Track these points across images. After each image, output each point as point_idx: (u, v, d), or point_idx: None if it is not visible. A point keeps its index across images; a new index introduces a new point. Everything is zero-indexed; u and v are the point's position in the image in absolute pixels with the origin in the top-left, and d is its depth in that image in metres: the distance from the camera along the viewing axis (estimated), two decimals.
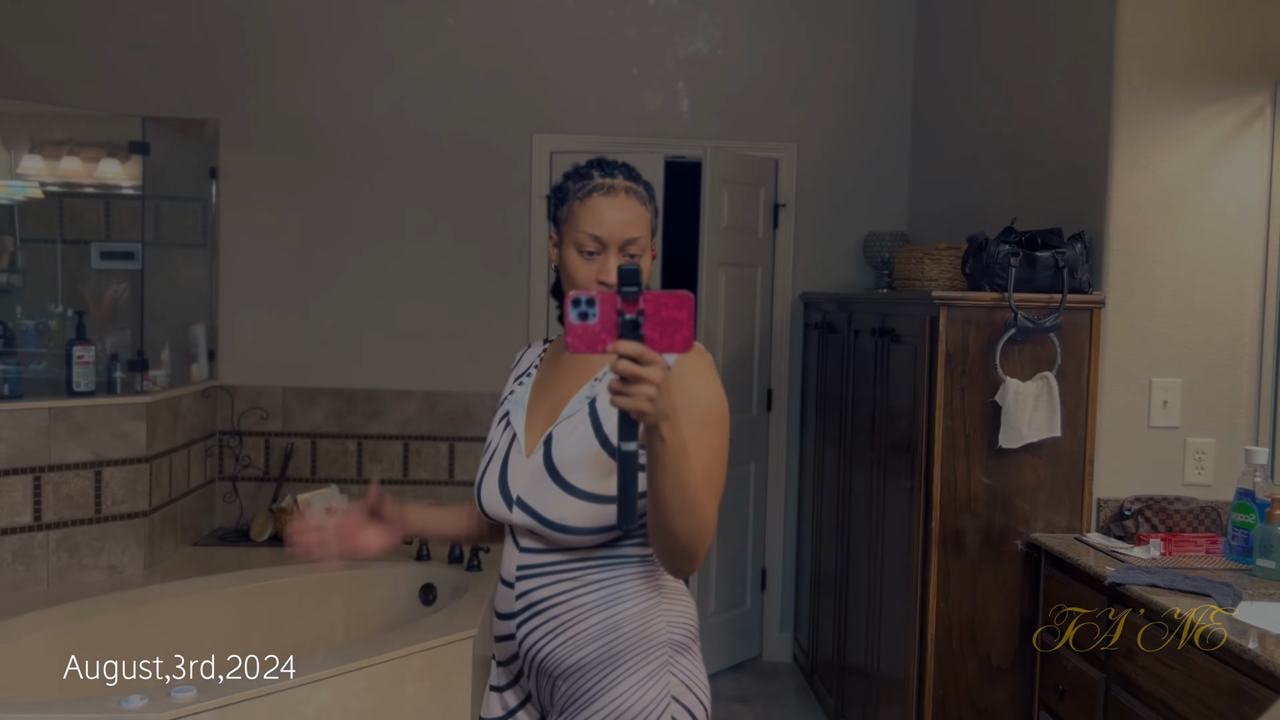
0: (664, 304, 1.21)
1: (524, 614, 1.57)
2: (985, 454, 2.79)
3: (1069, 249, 2.76)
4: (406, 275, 4.39)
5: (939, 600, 2.82)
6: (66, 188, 4.10)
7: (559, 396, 1.61)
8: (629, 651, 1.53)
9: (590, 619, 1.53)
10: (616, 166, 1.61)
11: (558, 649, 1.54)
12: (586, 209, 1.55)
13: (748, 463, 4.42)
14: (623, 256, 1.55)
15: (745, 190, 4.28)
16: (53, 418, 3.36)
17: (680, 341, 1.22)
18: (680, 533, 1.39)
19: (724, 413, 1.55)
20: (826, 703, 3.90)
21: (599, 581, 1.54)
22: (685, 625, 1.61)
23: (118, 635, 3.28)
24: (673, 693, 1.54)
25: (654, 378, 1.21)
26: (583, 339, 1.22)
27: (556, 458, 1.53)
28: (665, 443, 1.29)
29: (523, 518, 1.54)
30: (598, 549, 1.54)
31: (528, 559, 1.57)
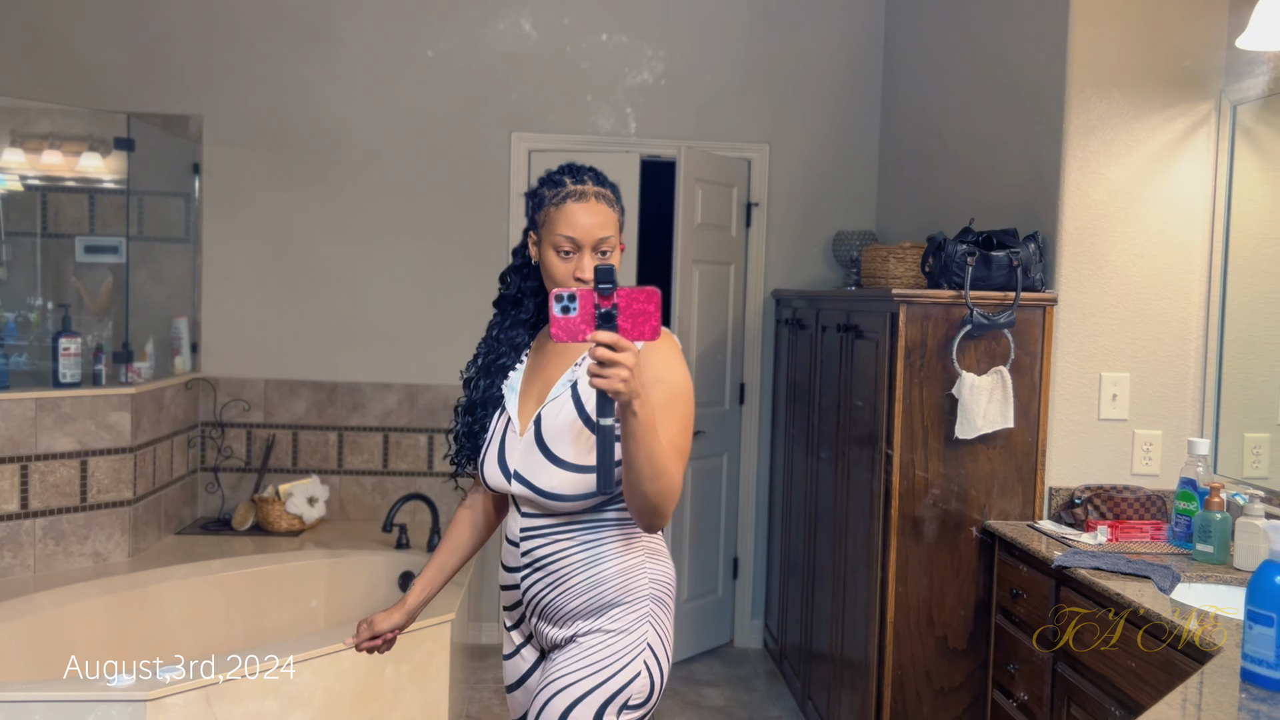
0: (635, 298, 1.45)
1: (527, 568, 1.81)
2: (942, 445, 2.91)
3: (1023, 249, 2.89)
4: (387, 270, 4.47)
5: (898, 585, 2.94)
6: (48, 182, 4.17)
7: (545, 381, 1.83)
8: (617, 600, 1.78)
9: (584, 573, 1.77)
10: (585, 171, 1.81)
11: (557, 598, 1.79)
12: (561, 215, 1.75)
13: (720, 455, 4.54)
14: (595, 254, 1.75)
15: (718, 190, 4.39)
16: (39, 408, 3.44)
17: (649, 330, 1.46)
18: (650, 494, 1.62)
19: (688, 390, 1.77)
20: (794, 686, 4.03)
21: (590, 541, 1.78)
22: (665, 583, 1.84)
23: (103, 620, 3.36)
24: (649, 641, 1.79)
25: (627, 362, 1.44)
26: (565, 329, 1.45)
27: (545, 435, 1.76)
28: (637, 417, 1.52)
29: (520, 489, 1.78)
30: (586, 513, 1.78)
31: (529, 522, 1.81)
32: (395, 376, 4.48)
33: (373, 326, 4.48)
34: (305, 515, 4.16)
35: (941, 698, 2.96)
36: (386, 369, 4.48)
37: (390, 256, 4.47)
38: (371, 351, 4.48)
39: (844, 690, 3.34)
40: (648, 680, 1.77)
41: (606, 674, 1.75)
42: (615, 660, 1.75)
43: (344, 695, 2.91)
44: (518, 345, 1.92)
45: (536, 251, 1.82)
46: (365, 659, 2.96)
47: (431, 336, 4.48)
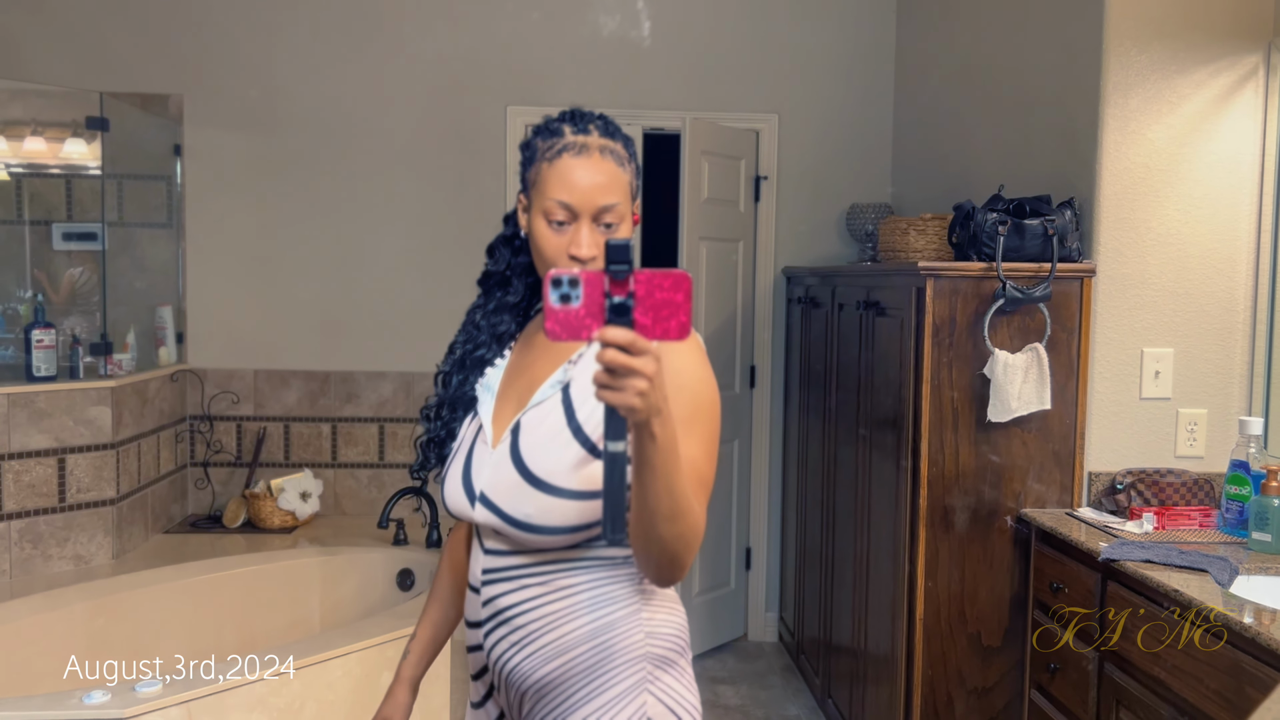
0: (658, 285, 1.05)
1: (490, 622, 1.41)
2: (973, 428, 2.72)
3: (1058, 216, 2.68)
4: (380, 253, 4.27)
5: (927, 578, 2.75)
6: (30, 168, 3.97)
7: (530, 381, 1.45)
8: (601, 666, 1.37)
9: (560, 629, 1.37)
10: (591, 119, 1.41)
11: (524, 661, 1.38)
12: (555, 172, 1.37)
13: (731, 440, 4.35)
14: (597, 226, 1.37)
15: (726, 163, 4.18)
16: (11, 404, 3.25)
17: (676, 328, 1.06)
18: (668, 539, 1.22)
19: (714, 403, 1.38)
20: (813, 682, 3.84)
21: (569, 587, 1.37)
22: (670, 636, 1.43)
23: (84, 628, 3.18)
24: (649, 714, 1.38)
25: (646, 369, 1.05)
26: (564, 325, 1.06)
27: (524, 449, 1.37)
28: (656, 441, 1.12)
29: (485, 515, 1.38)
30: (568, 550, 1.37)
31: (493, 561, 1.41)
32: (390, 365, 4.28)
33: (365, 313, 4.28)
34: (298, 511, 3.97)
35: (975, 698, 2.77)
36: (380, 357, 4.28)
37: (382, 239, 4.27)
38: (364, 339, 4.29)
39: (869, 688, 3.15)
40: None
41: None
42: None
43: (335, 706, 2.73)
44: (501, 335, 1.54)
45: (526, 220, 1.43)
46: (360, 668, 2.78)
47: (426, 322, 4.28)
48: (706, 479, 1.34)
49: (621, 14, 4.28)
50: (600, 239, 1.38)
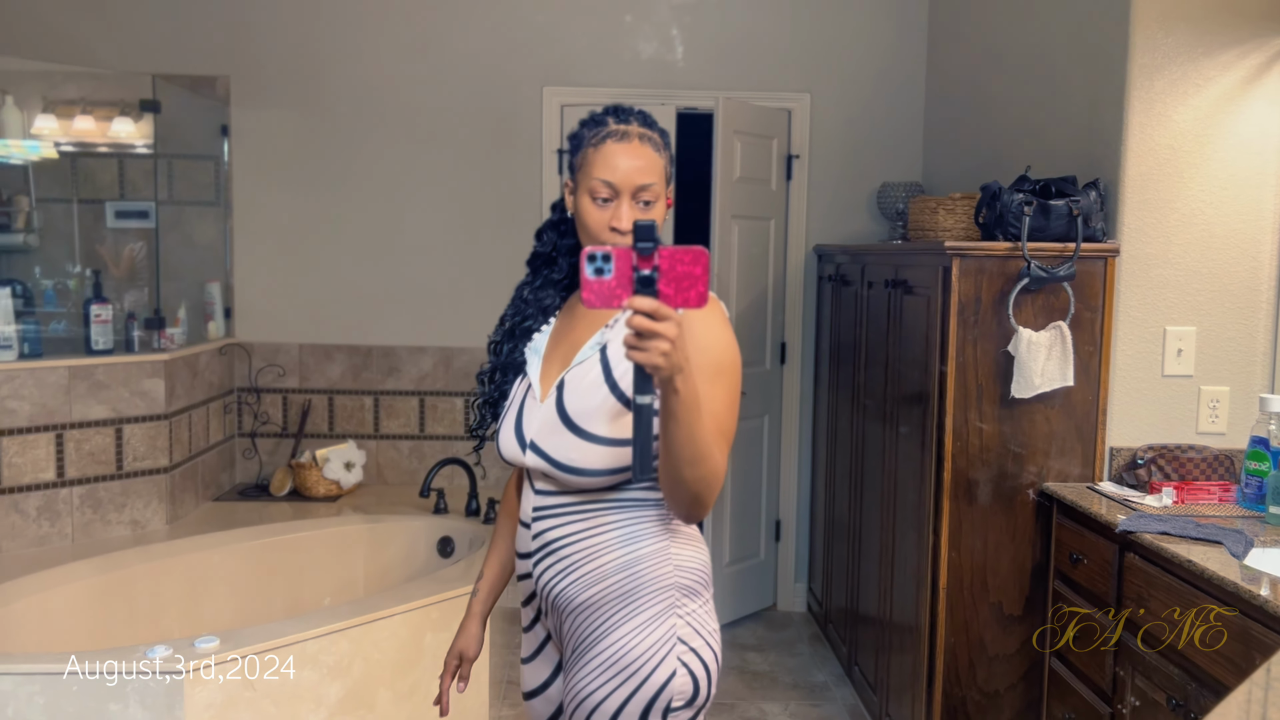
0: (679, 259, 1.23)
1: (539, 553, 1.63)
2: (997, 404, 2.79)
3: (1083, 197, 2.74)
4: (419, 231, 4.39)
5: (950, 549, 2.84)
6: (80, 147, 4.11)
7: (572, 343, 1.65)
8: (636, 592, 1.57)
9: (599, 559, 1.57)
10: (631, 113, 1.63)
11: (569, 587, 1.59)
12: (600, 155, 1.57)
13: (761, 415, 4.44)
14: (635, 203, 1.56)
15: (758, 142, 4.25)
16: (72, 376, 3.40)
17: (695, 297, 1.24)
18: (690, 481, 1.42)
19: (735, 363, 1.57)
20: (840, 651, 3.95)
21: (609, 523, 1.58)
22: (695, 570, 1.63)
23: (142, 588, 3.34)
24: (679, 634, 1.57)
25: (668, 333, 1.24)
26: (598, 294, 1.24)
27: (568, 403, 1.57)
28: (679, 395, 1.32)
29: (536, 461, 1.59)
30: (608, 491, 1.58)
31: (543, 500, 1.62)
32: (430, 340, 4.41)
33: (406, 289, 4.40)
34: (343, 480, 4.12)
35: (996, 664, 2.86)
36: (421, 332, 4.41)
37: (421, 217, 4.39)
38: (405, 314, 4.41)
39: (893, 655, 3.25)
40: (688, 678, 1.56)
41: (637, 679, 1.55)
42: (644, 662, 1.55)
43: (382, 664, 2.87)
44: (546, 308, 1.75)
45: (573, 201, 1.63)
46: (405, 628, 2.91)
47: (465, 298, 4.40)
48: (728, 430, 1.54)
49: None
50: (638, 215, 1.57)
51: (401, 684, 2.91)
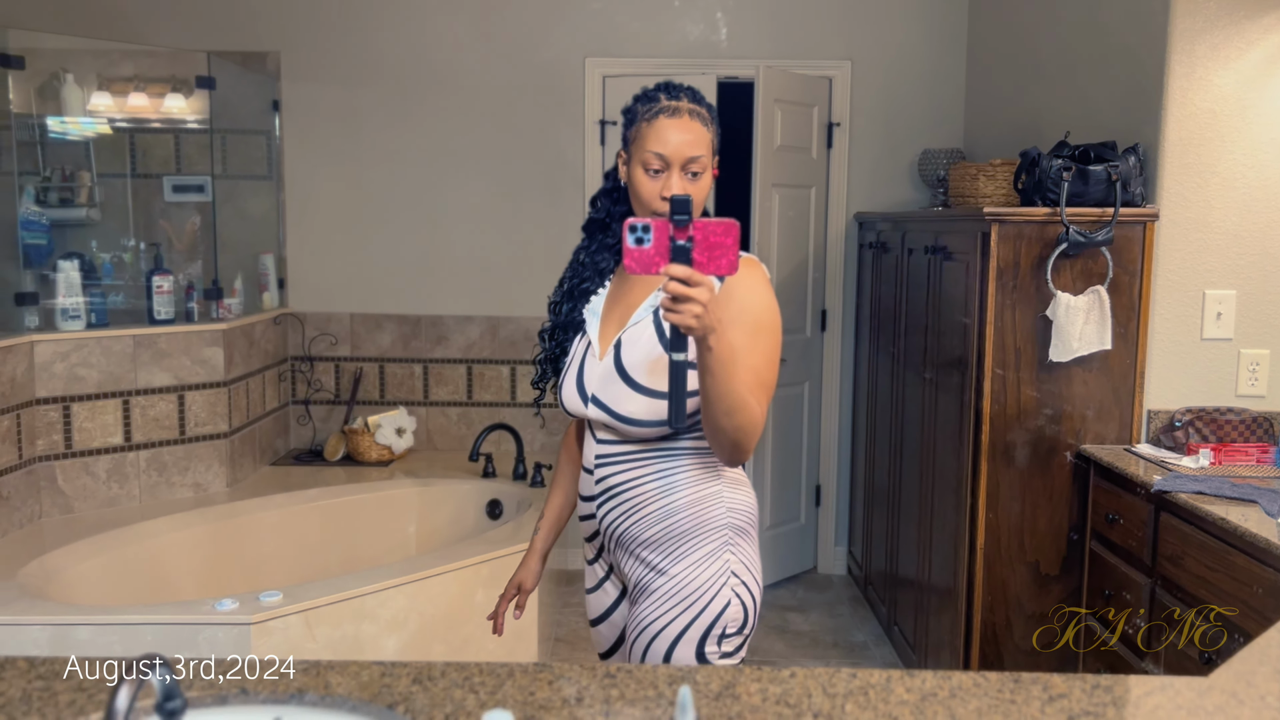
0: (712, 231, 1.36)
1: (602, 496, 1.79)
2: (1035, 368, 2.83)
3: (1122, 162, 2.76)
4: (464, 202, 4.48)
5: (988, 511, 2.90)
6: (134, 123, 4.23)
7: (627, 306, 1.78)
8: (694, 531, 1.73)
9: (658, 502, 1.73)
10: (682, 90, 1.74)
11: (632, 526, 1.75)
12: (653, 130, 1.69)
13: (802, 382, 4.50)
14: (684, 174, 1.68)
15: (798, 110, 4.28)
16: (137, 344, 3.54)
17: (726, 265, 1.37)
18: (729, 430, 1.57)
19: (774, 319, 1.69)
20: (879, 612, 4.02)
21: (665, 470, 1.73)
22: (745, 512, 1.78)
23: (205, 547, 3.49)
24: (732, 568, 1.73)
25: (700, 297, 1.37)
26: (639, 261, 1.38)
27: (625, 359, 1.71)
28: (713, 352, 1.46)
29: (597, 413, 1.74)
30: (662, 441, 1.73)
31: (604, 449, 1.78)
32: (476, 309, 4.51)
33: (453, 259, 4.50)
34: (394, 445, 4.24)
35: (1033, 623, 2.92)
36: (468, 302, 4.51)
37: (468, 188, 4.47)
38: (452, 284, 4.51)
39: (931, 616, 3.32)
40: (740, 607, 1.73)
41: (696, 608, 1.71)
42: (702, 593, 1.71)
43: (436, 619, 2.99)
44: (602, 270, 1.88)
45: (626, 172, 1.75)
46: (456, 585, 3.03)
47: (510, 268, 4.49)
48: (768, 382, 1.67)
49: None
50: (687, 184, 1.70)
51: (455, 638, 3.03)
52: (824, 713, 1.24)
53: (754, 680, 1.33)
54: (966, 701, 1.29)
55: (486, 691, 1.28)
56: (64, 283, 3.49)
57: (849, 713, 1.24)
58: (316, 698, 1.28)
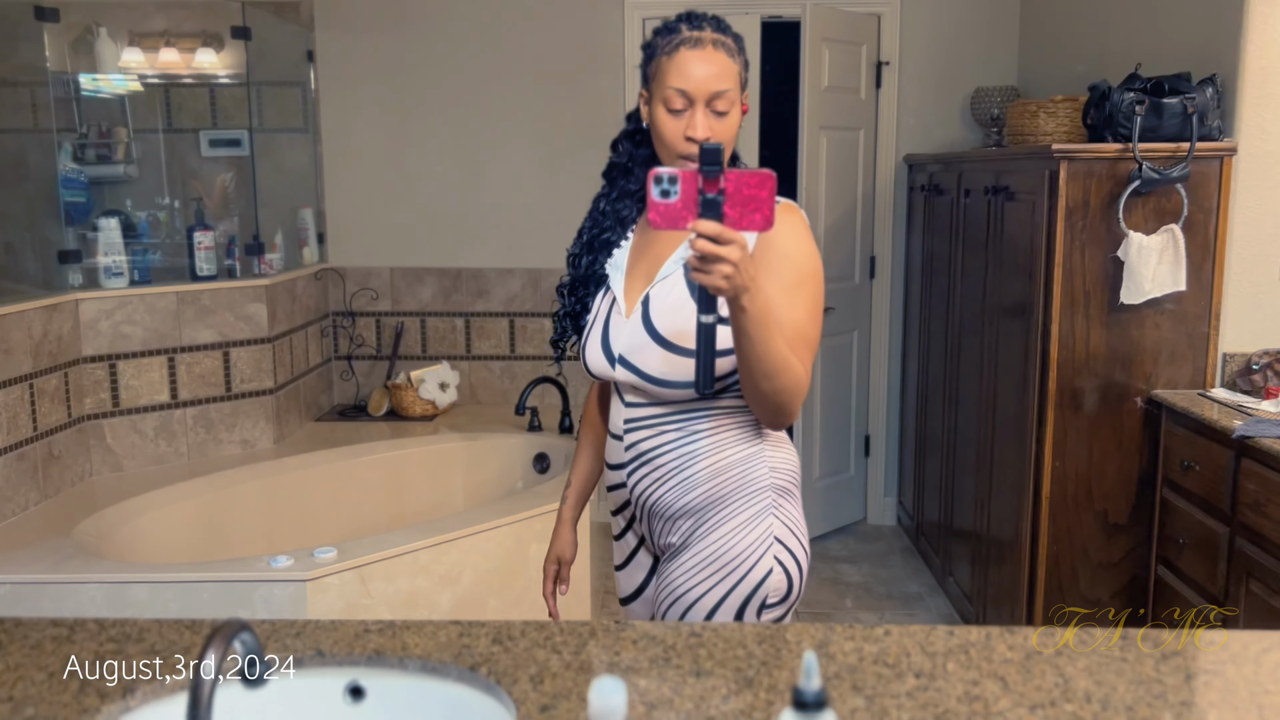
0: (745, 183, 1.23)
1: (633, 463, 1.66)
2: (1105, 311, 2.73)
3: (1199, 94, 2.63)
4: (505, 153, 4.39)
5: (1055, 459, 2.81)
6: (166, 79, 4.17)
7: (654, 259, 1.64)
8: (734, 495, 1.60)
9: (694, 466, 1.60)
10: (705, 19, 1.58)
11: (667, 494, 1.63)
12: (673, 64, 1.54)
13: (850, 331, 4.41)
14: (710, 111, 1.54)
15: (846, 49, 4.14)
16: (180, 301, 3.51)
17: (760, 220, 1.24)
18: (770, 393, 1.46)
19: (816, 270, 1.57)
20: (933, 563, 3.96)
21: (701, 431, 1.60)
22: (789, 471, 1.66)
23: (255, 503, 3.48)
24: (776, 534, 1.61)
25: (731, 256, 1.25)
26: (664, 216, 1.25)
27: (655, 317, 1.58)
28: (747, 313, 1.34)
29: (625, 374, 1.61)
30: (697, 401, 1.60)
31: (634, 413, 1.64)
32: (517, 261, 4.44)
33: (493, 211, 4.43)
34: (438, 400, 4.21)
35: (1100, 572, 2.85)
36: (508, 254, 4.44)
37: (507, 139, 4.38)
38: (493, 237, 4.44)
39: (991, 566, 3.25)
40: (783, 576, 1.60)
41: (735, 577, 1.58)
42: (742, 560, 1.58)
43: (490, 574, 2.96)
44: (624, 219, 1.73)
45: (647, 111, 1.61)
46: (510, 539, 2.99)
47: (550, 219, 4.41)
48: (811, 338, 1.55)
49: None
50: (713, 123, 1.55)
51: (509, 592, 3.01)
52: (925, 672, 1.18)
53: (847, 639, 1.27)
54: (1074, 660, 1.22)
55: (570, 652, 1.23)
56: (105, 240, 3.45)
57: (951, 672, 1.18)
58: (395, 660, 1.24)
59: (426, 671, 1.22)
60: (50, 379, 3.11)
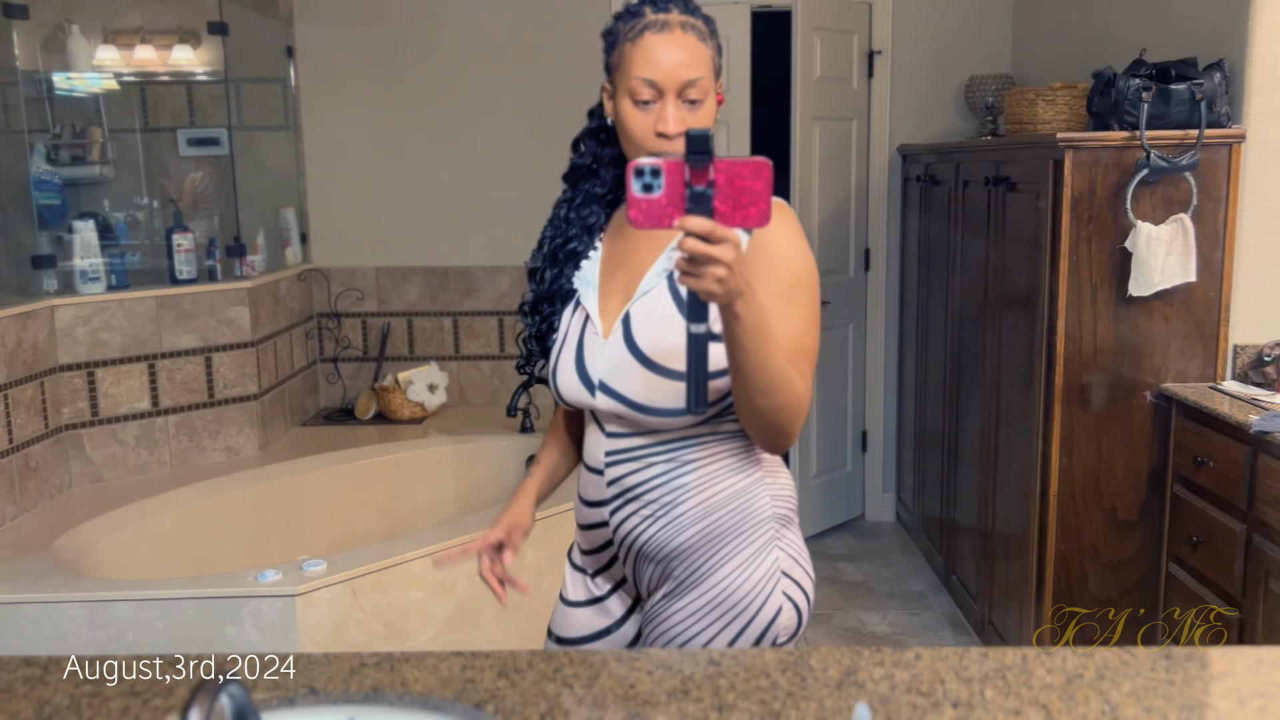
0: (738, 173, 1.09)
1: (617, 500, 1.50)
2: (1112, 303, 2.66)
3: (1206, 80, 2.56)
4: (490, 148, 4.30)
5: (1062, 455, 2.75)
6: (142, 76, 4.05)
7: (632, 272, 1.48)
8: (736, 529, 1.47)
9: (690, 500, 1.46)
10: (672, 0, 1.43)
11: (659, 533, 1.47)
12: (638, 51, 1.39)
13: (846, 325, 4.34)
14: (681, 102, 1.39)
15: (838, 38, 4.07)
16: (160, 306, 3.41)
17: (756, 215, 1.11)
18: (767, 411, 1.31)
19: (813, 275, 1.43)
20: (934, 560, 3.90)
21: (693, 462, 1.45)
22: (788, 498, 1.54)
23: (241, 513, 3.38)
24: (782, 567, 1.48)
25: (725, 257, 1.10)
26: (647, 214, 1.11)
27: (639, 339, 1.42)
28: (741, 321, 1.20)
29: (608, 403, 1.45)
30: (691, 428, 1.45)
31: (616, 444, 1.48)
32: (506, 259, 4.34)
33: (480, 207, 4.33)
34: (427, 402, 4.12)
35: (1109, 571, 2.79)
36: (496, 251, 4.34)
37: (494, 133, 4.29)
38: (480, 234, 4.35)
39: (997, 564, 3.19)
40: (793, 612, 1.48)
41: (744, 619, 1.45)
42: (750, 601, 1.45)
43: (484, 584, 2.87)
44: (591, 226, 1.57)
45: (611, 106, 1.46)
46: None
47: (539, 215, 4.23)
48: (809, 350, 1.41)
49: None
50: (686, 115, 1.40)
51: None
52: (963, 701, 1.10)
53: (876, 664, 1.19)
54: (1119, 683, 1.15)
55: (582, 685, 1.15)
56: (81, 244, 3.34)
57: (991, 700, 1.11)
58: (394, 696, 1.15)
59: (429, 709, 1.14)
60: (26, 389, 3.00)
